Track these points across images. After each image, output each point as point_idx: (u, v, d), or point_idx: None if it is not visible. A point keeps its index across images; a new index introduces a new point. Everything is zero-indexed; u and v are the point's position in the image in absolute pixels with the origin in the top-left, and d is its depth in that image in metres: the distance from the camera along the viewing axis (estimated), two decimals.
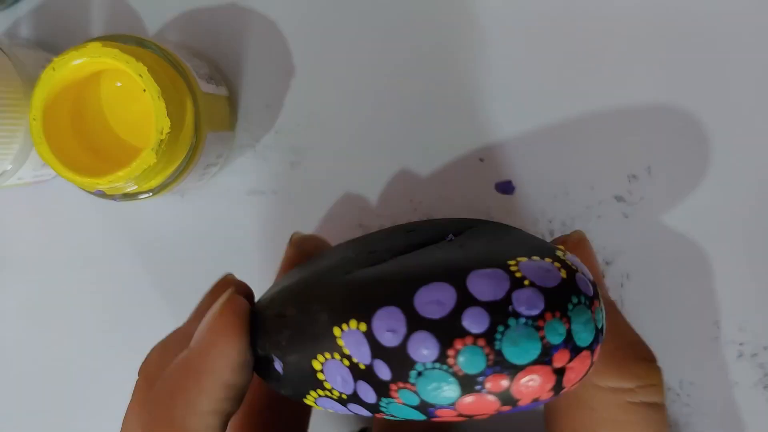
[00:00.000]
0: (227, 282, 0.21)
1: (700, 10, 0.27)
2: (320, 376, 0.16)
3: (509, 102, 0.28)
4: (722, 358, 0.28)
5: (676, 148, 0.27)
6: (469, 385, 0.14)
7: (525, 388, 0.14)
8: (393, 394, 0.15)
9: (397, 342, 0.15)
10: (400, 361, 0.15)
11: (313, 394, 0.17)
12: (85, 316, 0.30)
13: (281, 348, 0.17)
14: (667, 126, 0.27)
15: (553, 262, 0.15)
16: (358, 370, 0.15)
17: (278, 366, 0.17)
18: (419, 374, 0.14)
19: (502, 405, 0.15)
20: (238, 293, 0.19)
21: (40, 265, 0.30)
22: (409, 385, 0.15)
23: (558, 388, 0.15)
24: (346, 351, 0.16)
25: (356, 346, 0.15)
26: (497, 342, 0.14)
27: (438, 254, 0.17)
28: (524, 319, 0.14)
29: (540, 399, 0.15)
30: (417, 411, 0.15)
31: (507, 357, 0.14)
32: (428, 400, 0.15)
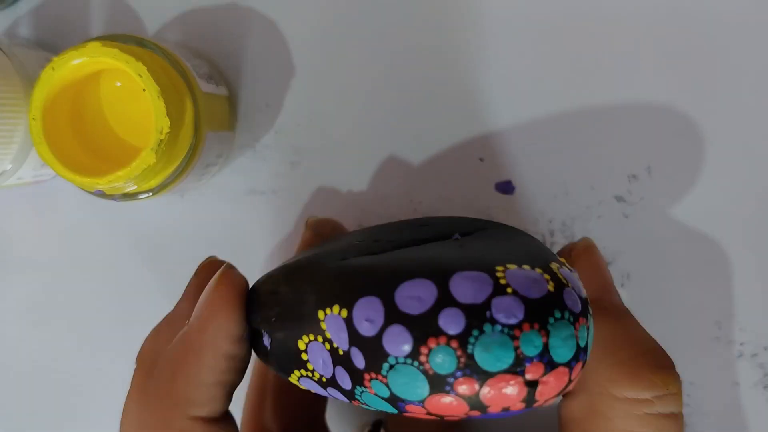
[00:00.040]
0: (210, 263, 0.21)
1: (701, 11, 0.27)
2: (304, 357, 0.17)
3: (509, 102, 0.28)
4: (723, 358, 0.28)
5: (676, 148, 0.27)
6: (439, 385, 0.14)
7: (494, 395, 0.14)
8: (366, 383, 0.15)
9: (373, 332, 0.15)
10: (375, 352, 0.15)
11: (297, 373, 0.17)
12: (85, 316, 0.30)
13: (271, 324, 0.17)
14: (667, 126, 0.27)
15: (543, 273, 0.15)
16: (338, 355, 0.16)
17: (266, 341, 0.18)
18: (391, 367, 0.14)
19: (470, 409, 0.14)
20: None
21: (39, 265, 0.30)
22: (381, 377, 0.15)
23: (530, 400, 0.14)
24: (328, 335, 0.16)
25: (336, 332, 0.15)
26: (470, 346, 0.14)
27: (433, 251, 0.16)
28: (500, 327, 0.14)
29: (510, 409, 0.15)
30: (387, 403, 0.15)
31: (478, 362, 0.14)
32: (398, 394, 0.15)
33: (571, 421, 0.20)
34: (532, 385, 0.14)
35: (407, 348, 0.14)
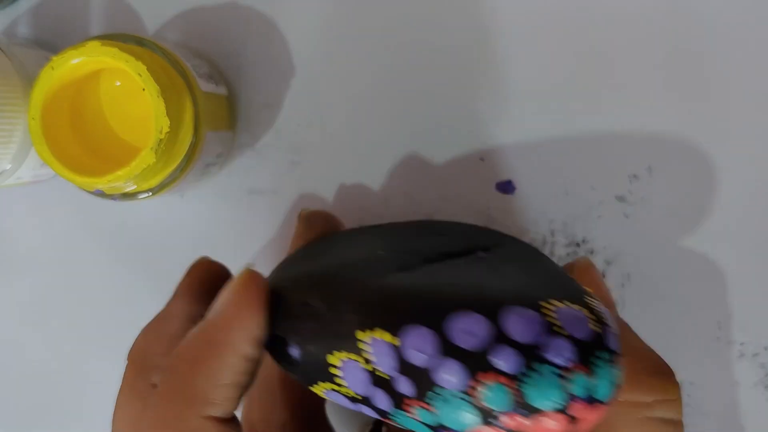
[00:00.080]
0: (202, 263, 0.22)
1: (701, 11, 0.27)
2: (334, 371, 0.17)
3: (509, 102, 0.28)
4: (723, 358, 0.28)
5: (676, 147, 0.27)
6: (487, 417, 0.15)
7: (537, 429, 0.15)
8: (408, 408, 0.16)
9: (425, 363, 0.15)
10: (425, 382, 0.15)
11: (323, 385, 0.17)
12: (85, 316, 0.30)
13: (302, 336, 0.17)
14: (667, 126, 0.27)
15: (586, 311, 0.16)
16: (378, 378, 0.16)
17: (294, 352, 0.18)
18: (441, 398, 0.15)
19: None
20: (215, 276, 0.19)
21: (39, 265, 0.30)
22: (428, 405, 0.15)
23: None
24: (370, 357, 0.16)
25: (381, 357, 0.16)
26: (522, 384, 0.15)
27: (470, 275, 0.17)
28: (553, 368, 0.15)
29: None
30: (428, 428, 0.16)
31: (529, 400, 0.14)
32: (444, 422, 0.15)
33: None
34: (574, 420, 0.15)
35: (460, 382, 0.15)
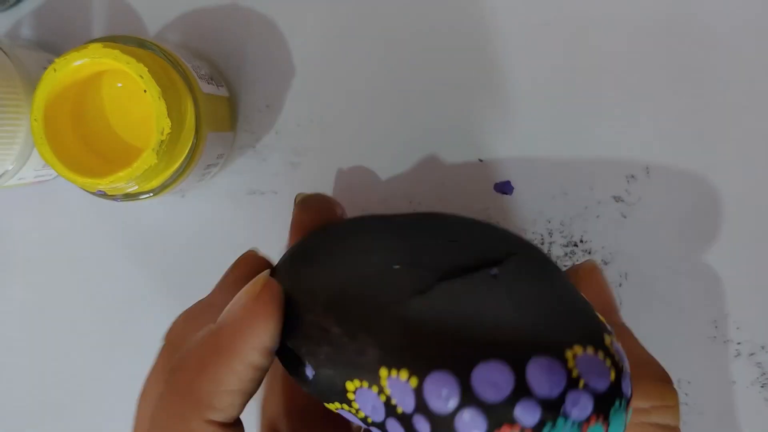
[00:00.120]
0: (248, 257, 0.21)
1: (701, 13, 0.27)
2: (350, 396, 0.17)
3: (508, 103, 0.28)
4: (720, 357, 0.28)
5: (674, 148, 0.27)
6: None
7: None
8: None
9: (445, 409, 0.15)
10: (444, 426, 0.15)
11: (337, 404, 0.17)
12: (86, 316, 0.30)
13: (318, 359, 0.17)
14: (665, 126, 0.27)
15: (605, 356, 0.16)
16: (395, 412, 0.16)
17: (309, 372, 0.18)
18: None
19: None
20: (261, 271, 0.19)
21: (41, 265, 0.31)
22: None
23: None
24: (388, 392, 0.16)
25: (402, 396, 0.16)
26: None
27: (488, 304, 0.17)
28: (572, 421, 0.15)
29: None
30: None
31: None
32: None
33: None
34: None
35: (480, 431, 0.15)
